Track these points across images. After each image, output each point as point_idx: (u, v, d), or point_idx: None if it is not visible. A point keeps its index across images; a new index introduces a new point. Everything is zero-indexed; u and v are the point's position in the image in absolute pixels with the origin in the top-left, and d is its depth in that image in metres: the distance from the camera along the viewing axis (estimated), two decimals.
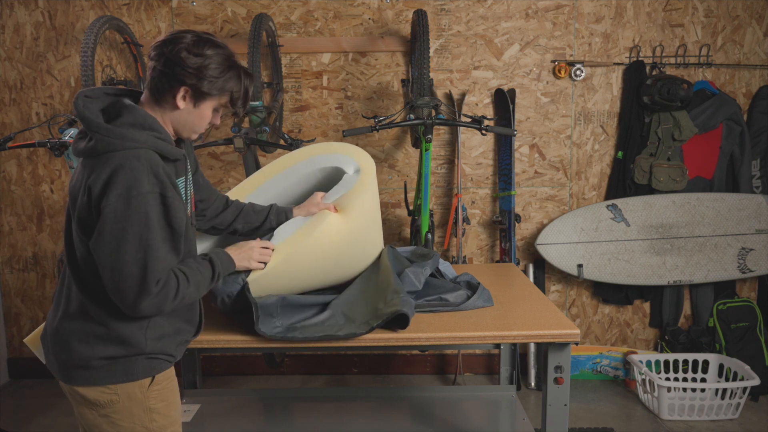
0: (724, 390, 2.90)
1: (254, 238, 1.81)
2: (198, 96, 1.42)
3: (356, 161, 1.98)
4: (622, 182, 3.29)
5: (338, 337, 1.70)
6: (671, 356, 3.19)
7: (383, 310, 1.75)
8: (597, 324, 3.45)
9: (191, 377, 2.68)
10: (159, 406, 1.48)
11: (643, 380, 3.03)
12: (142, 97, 1.46)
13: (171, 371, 1.52)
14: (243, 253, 1.68)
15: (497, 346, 2.78)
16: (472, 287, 2.07)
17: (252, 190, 2.00)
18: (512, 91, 3.22)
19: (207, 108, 1.45)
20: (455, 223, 3.15)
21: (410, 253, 2.21)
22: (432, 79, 3.02)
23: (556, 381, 1.83)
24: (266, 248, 1.73)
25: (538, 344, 3.28)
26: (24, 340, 1.79)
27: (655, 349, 3.44)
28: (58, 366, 1.47)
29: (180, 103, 1.41)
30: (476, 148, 3.31)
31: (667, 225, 3.21)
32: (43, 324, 1.76)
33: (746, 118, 3.29)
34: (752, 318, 3.26)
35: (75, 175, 1.43)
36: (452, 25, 3.21)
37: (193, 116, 1.45)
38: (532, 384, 3.29)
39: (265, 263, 1.72)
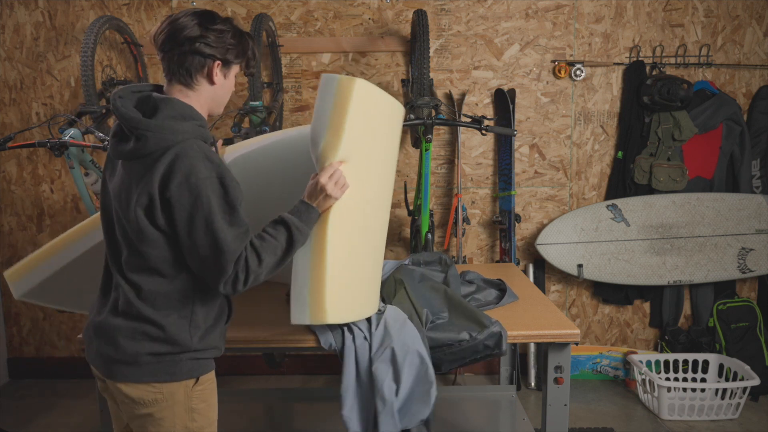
0: (724, 390, 2.90)
1: None
2: (227, 66, 1.47)
3: None
4: (622, 182, 3.28)
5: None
6: (671, 356, 3.19)
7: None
8: (597, 324, 3.45)
9: None
10: (200, 406, 1.49)
11: (643, 380, 3.03)
12: (166, 89, 1.46)
13: (213, 372, 1.53)
14: (320, 196, 1.52)
15: None
16: (493, 284, 2.18)
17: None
18: (512, 91, 3.22)
19: (232, 77, 1.50)
20: (455, 223, 3.15)
21: (425, 265, 2.27)
22: (432, 79, 3.02)
23: (556, 381, 1.83)
24: (334, 173, 1.53)
25: (538, 344, 3.28)
26: (4, 273, 1.80)
27: (655, 349, 3.44)
28: (101, 361, 1.46)
29: (216, 78, 1.45)
30: (476, 148, 3.31)
31: (667, 225, 3.21)
32: (28, 258, 1.81)
33: (746, 118, 3.28)
34: (752, 318, 3.25)
35: (119, 177, 1.42)
36: (452, 25, 3.21)
37: (225, 88, 1.50)
38: (532, 384, 3.29)
39: (344, 187, 1.57)
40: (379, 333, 1.75)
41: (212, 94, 1.47)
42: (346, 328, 1.77)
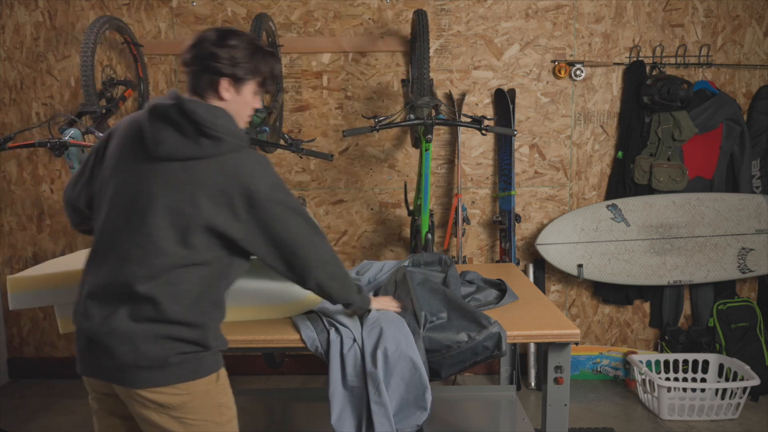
0: (724, 390, 2.90)
1: None
2: (238, 83, 1.51)
3: None
4: (622, 182, 3.28)
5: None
6: (671, 356, 3.19)
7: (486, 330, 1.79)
8: (597, 324, 3.45)
9: None
10: (225, 399, 1.52)
11: (643, 380, 3.03)
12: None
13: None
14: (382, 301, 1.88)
15: None
16: (493, 284, 2.16)
17: None
18: (512, 91, 3.22)
19: (248, 93, 1.54)
20: (455, 223, 3.15)
21: (424, 266, 2.26)
22: (432, 79, 3.02)
23: (556, 381, 1.83)
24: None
25: (538, 344, 3.28)
26: (7, 277, 1.81)
27: (655, 349, 3.44)
28: (115, 369, 1.40)
29: (225, 94, 1.49)
30: (476, 148, 3.31)
31: (667, 225, 3.21)
32: (36, 275, 1.83)
33: (746, 118, 3.28)
34: (752, 318, 3.25)
35: (160, 174, 1.43)
36: (452, 25, 3.21)
37: (239, 104, 1.53)
38: (532, 384, 3.29)
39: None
40: (374, 334, 1.74)
41: (226, 109, 1.49)
42: (332, 329, 1.77)
